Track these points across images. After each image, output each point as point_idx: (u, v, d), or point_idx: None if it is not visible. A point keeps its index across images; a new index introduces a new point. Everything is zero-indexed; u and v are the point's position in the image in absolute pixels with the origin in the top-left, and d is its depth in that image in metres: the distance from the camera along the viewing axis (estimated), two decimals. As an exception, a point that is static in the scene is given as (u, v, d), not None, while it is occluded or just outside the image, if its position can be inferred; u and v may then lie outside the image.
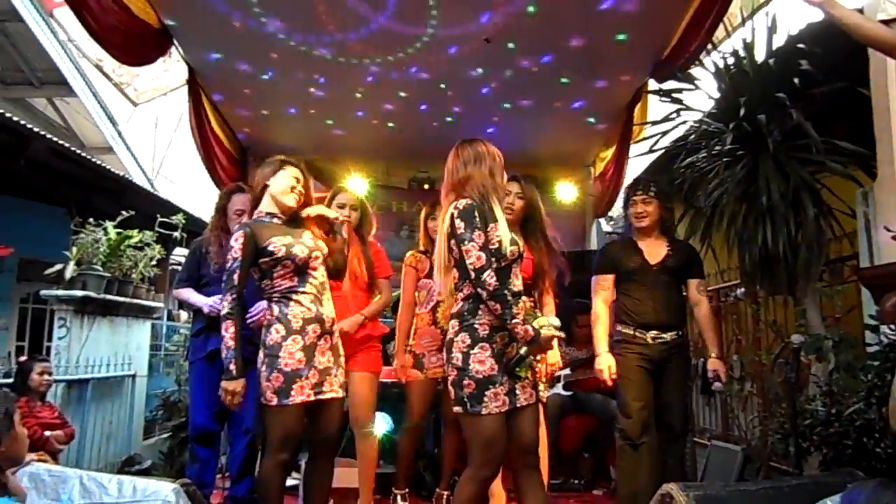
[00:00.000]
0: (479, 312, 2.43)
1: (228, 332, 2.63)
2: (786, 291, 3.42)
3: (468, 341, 2.41)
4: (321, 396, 2.71)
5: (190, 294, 3.53)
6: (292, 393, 2.61)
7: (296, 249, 2.72)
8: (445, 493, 3.63)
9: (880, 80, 2.98)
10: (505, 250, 2.43)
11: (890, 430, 1.98)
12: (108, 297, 4.79)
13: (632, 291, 3.40)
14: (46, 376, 3.73)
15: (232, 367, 2.61)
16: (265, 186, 2.83)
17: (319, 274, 2.83)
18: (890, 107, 2.89)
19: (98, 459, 4.55)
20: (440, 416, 3.96)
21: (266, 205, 2.84)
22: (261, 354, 2.70)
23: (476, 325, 2.41)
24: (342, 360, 2.88)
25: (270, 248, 2.68)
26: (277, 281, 2.72)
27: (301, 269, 2.75)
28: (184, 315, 7.93)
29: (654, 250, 3.42)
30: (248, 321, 3.35)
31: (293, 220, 2.89)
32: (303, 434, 2.78)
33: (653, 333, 3.30)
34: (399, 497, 3.67)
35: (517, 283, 2.49)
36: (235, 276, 2.64)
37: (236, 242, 2.66)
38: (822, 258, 3.36)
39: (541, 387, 2.51)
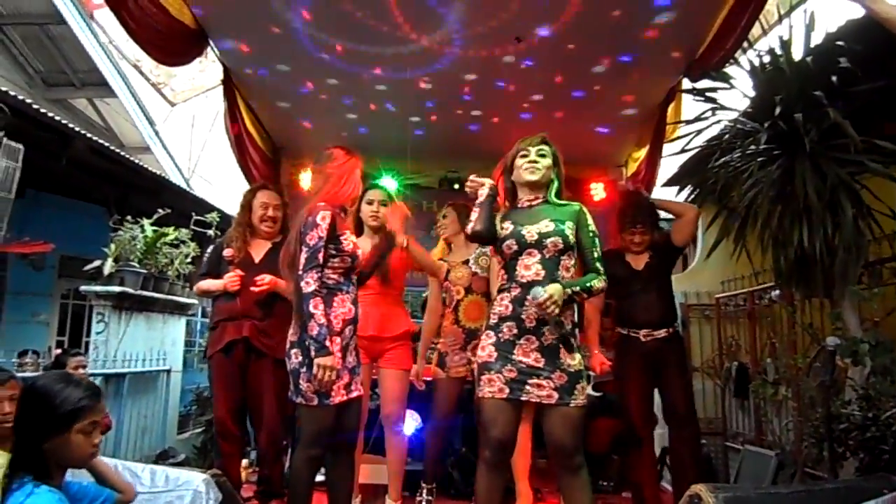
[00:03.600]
0: (494, 303, 2.65)
1: (318, 309, 2.60)
2: (822, 294, 3.35)
3: (485, 330, 2.63)
4: (351, 395, 2.75)
5: (209, 283, 3.55)
6: (332, 394, 2.65)
7: (360, 251, 2.81)
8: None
9: (922, 77, 2.90)
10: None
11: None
12: (145, 293, 4.90)
13: (623, 297, 3.76)
14: (81, 370, 3.81)
15: (327, 343, 2.59)
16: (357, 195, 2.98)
17: (354, 279, 2.88)
18: (932, 105, 2.82)
19: (133, 452, 4.65)
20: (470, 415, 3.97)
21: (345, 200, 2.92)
22: (296, 352, 2.69)
23: (491, 315, 2.62)
24: (360, 357, 2.92)
25: (343, 238, 2.74)
26: (327, 272, 2.72)
27: (351, 270, 2.80)
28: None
29: (638, 258, 3.77)
30: (258, 289, 3.37)
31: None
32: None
33: (644, 332, 3.64)
34: (426, 490, 3.71)
35: (524, 273, 2.57)
36: (320, 255, 2.65)
37: (323, 221, 2.67)
38: (861, 260, 3.28)
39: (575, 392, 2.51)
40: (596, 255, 2.63)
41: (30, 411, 1.78)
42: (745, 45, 3.59)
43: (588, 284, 2.55)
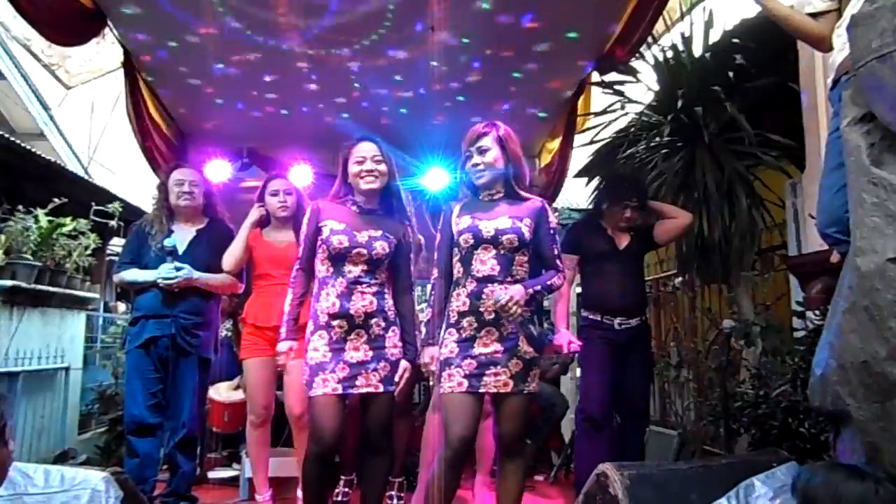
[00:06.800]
0: (451, 299, 2.58)
1: (286, 298, 2.73)
2: (720, 280, 3.53)
3: (443, 326, 2.58)
4: (352, 391, 2.59)
5: (136, 274, 3.36)
6: (315, 385, 2.56)
7: (335, 238, 2.61)
8: (398, 479, 3.65)
9: (809, 75, 3.09)
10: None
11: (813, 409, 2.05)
12: (40, 287, 4.60)
13: (597, 277, 3.43)
14: None
15: (282, 329, 2.71)
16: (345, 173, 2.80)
17: (358, 269, 2.64)
18: (818, 101, 3.01)
19: (29, 455, 4.38)
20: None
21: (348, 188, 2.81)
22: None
23: (448, 312, 2.57)
24: (389, 352, 2.66)
25: (322, 227, 2.67)
26: (318, 266, 2.70)
27: (336, 259, 2.64)
28: (121, 307, 7.69)
29: (620, 236, 3.45)
30: (162, 283, 3.26)
31: (381, 213, 2.79)
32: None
33: (619, 319, 3.34)
34: (343, 482, 3.69)
35: (480, 268, 2.52)
36: (301, 249, 2.74)
37: (305, 216, 2.76)
38: (755, 247, 3.49)
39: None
40: (556, 251, 2.58)
41: None
42: (650, 40, 3.72)
43: (549, 283, 2.54)
